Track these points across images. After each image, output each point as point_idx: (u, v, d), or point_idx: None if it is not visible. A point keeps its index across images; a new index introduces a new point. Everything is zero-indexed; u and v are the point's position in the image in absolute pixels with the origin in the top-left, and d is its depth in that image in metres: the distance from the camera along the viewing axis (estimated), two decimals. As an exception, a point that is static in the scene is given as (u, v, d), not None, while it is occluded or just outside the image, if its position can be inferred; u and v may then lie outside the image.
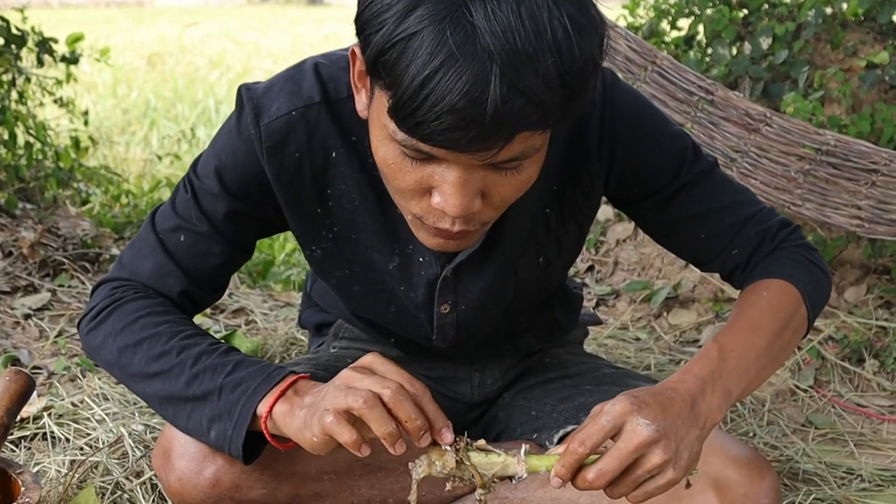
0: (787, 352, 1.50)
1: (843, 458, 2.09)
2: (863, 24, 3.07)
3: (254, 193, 1.49)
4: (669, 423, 1.23)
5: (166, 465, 1.47)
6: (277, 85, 1.46)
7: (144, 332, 1.45)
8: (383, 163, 1.26)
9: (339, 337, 1.85)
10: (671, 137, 1.54)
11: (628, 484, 1.24)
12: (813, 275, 1.54)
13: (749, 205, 1.58)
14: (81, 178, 3.92)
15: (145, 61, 9.05)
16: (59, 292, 2.80)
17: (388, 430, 1.22)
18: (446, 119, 1.11)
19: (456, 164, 1.20)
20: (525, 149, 1.20)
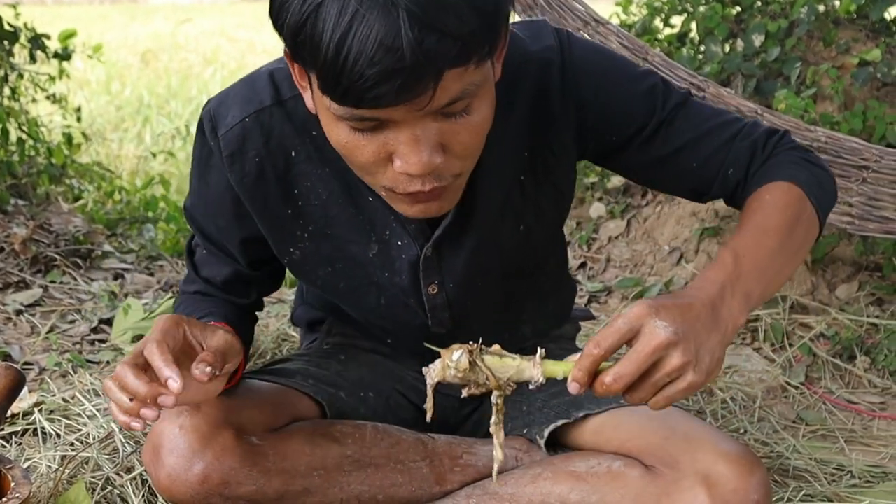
0: (802, 251, 1.46)
1: (833, 455, 2.09)
2: (855, 22, 3.08)
3: (229, 209, 1.55)
4: (688, 326, 1.21)
5: (156, 461, 1.47)
6: (231, 94, 1.50)
7: None
8: (339, 146, 1.28)
9: (332, 333, 1.85)
10: (637, 78, 1.53)
11: (648, 388, 1.22)
12: (812, 172, 1.50)
13: (732, 123, 1.55)
14: (74, 174, 3.92)
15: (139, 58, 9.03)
16: (50, 288, 2.80)
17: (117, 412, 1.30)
18: (369, 74, 1.12)
19: (403, 122, 1.21)
20: (463, 87, 1.20)
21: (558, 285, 1.83)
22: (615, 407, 1.62)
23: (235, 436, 1.47)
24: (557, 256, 1.79)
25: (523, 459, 1.67)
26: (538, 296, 1.76)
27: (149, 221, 3.54)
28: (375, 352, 1.79)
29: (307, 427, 1.56)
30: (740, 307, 1.29)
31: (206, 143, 1.50)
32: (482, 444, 1.69)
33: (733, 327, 1.28)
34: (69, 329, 2.56)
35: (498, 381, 1.25)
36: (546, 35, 1.49)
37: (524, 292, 1.72)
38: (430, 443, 1.65)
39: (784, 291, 2.77)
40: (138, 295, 2.84)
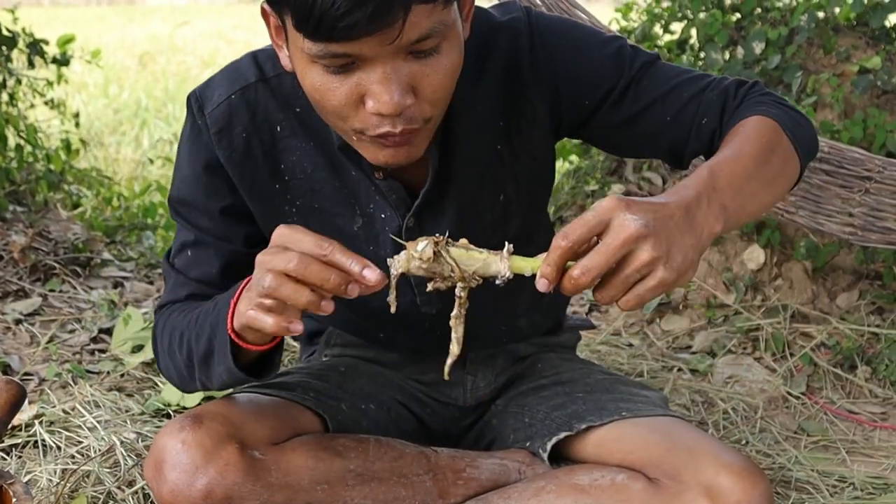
0: (780, 181, 1.45)
1: (835, 466, 2.09)
2: (855, 29, 3.07)
3: (220, 186, 1.55)
4: (660, 222, 1.19)
5: (158, 476, 1.46)
6: (217, 77, 1.56)
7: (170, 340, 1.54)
8: (312, 89, 1.31)
9: (331, 344, 1.84)
10: (605, 42, 1.56)
11: (617, 285, 1.19)
12: (787, 113, 1.51)
13: (700, 77, 1.57)
14: (73, 180, 3.91)
15: (136, 60, 9.02)
16: (50, 297, 2.79)
17: (304, 300, 1.23)
18: (341, 3, 1.17)
19: (374, 61, 1.25)
20: (432, 24, 1.25)
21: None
22: (618, 419, 1.62)
23: (239, 450, 1.46)
24: (546, 239, 1.78)
25: (526, 473, 1.67)
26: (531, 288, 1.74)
27: (148, 228, 3.53)
28: (376, 362, 1.79)
29: (310, 441, 1.55)
30: (716, 216, 1.27)
31: (195, 122, 1.54)
32: (485, 457, 1.69)
33: (708, 233, 1.26)
34: (69, 339, 2.55)
35: (462, 273, 1.24)
36: (514, 8, 1.55)
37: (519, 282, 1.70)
38: (433, 456, 1.64)
39: (784, 300, 2.77)
40: (138, 303, 2.83)
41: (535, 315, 1.81)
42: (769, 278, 2.85)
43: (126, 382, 2.29)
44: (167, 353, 1.56)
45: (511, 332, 1.79)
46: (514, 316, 1.77)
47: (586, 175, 3.44)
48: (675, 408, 2.25)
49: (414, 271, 1.26)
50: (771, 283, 2.84)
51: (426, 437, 1.74)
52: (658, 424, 1.62)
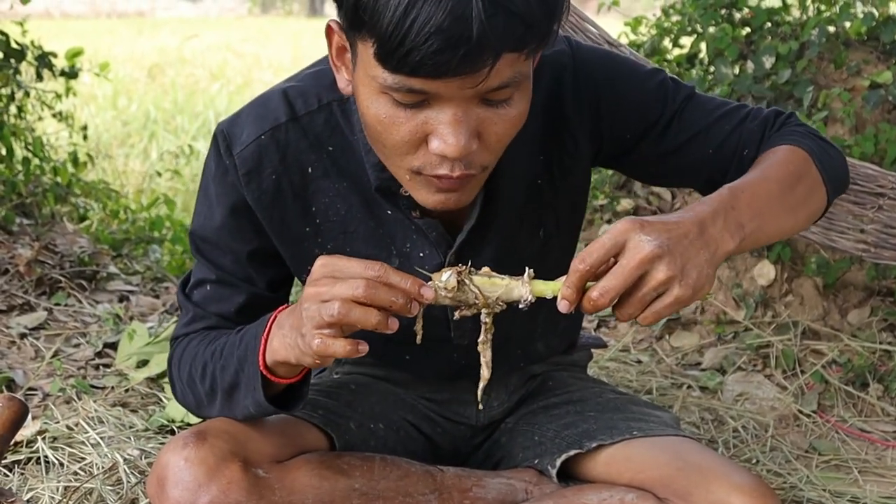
0: (804, 210, 1.48)
1: (847, 486, 2.07)
2: (866, 44, 3.06)
3: (247, 229, 1.53)
4: (674, 241, 1.23)
5: (161, 493, 1.44)
6: (245, 112, 1.52)
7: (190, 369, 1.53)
8: (376, 120, 1.29)
9: (342, 363, 1.82)
10: (647, 75, 1.57)
11: (635, 304, 1.24)
12: (817, 143, 1.53)
13: (739, 108, 1.59)
14: (80, 193, 3.90)
15: (145, 73, 9.05)
16: (55, 311, 2.78)
17: (374, 321, 1.25)
18: (434, 40, 1.15)
19: (449, 102, 1.23)
20: (513, 74, 1.23)
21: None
22: (628, 438, 1.61)
23: (242, 468, 1.44)
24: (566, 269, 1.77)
25: (534, 492, 1.65)
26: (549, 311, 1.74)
27: (154, 242, 3.52)
28: (387, 380, 1.77)
29: (314, 459, 1.53)
30: (731, 233, 1.30)
31: (221, 161, 1.51)
32: (492, 476, 1.67)
33: (723, 250, 1.29)
34: (73, 353, 2.54)
35: (486, 300, 1.29)
36: (558, 41, 1.52)
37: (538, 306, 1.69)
38: (439, 475, 1.62)
39: (795, 316, 2.75)
40: (143, 318, 2.82)
41: (551, 338, 1.80)
42: (780, 294, 2.83)
43: (130, 398, 2.27)
44: (186, 382, 1.55)
45: (527, 356, 1.78)
46: (532, 339, 1.76)
47: (595, 189, 3.42)
48: (685, 426, 2.23)
49: (441, 301, 1.29)
50: (781, 299, 2.82)
51: (435, 457, 1.73)
52: (668, 444, 1.60)
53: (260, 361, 1.38)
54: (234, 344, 1.46)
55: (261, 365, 1.38)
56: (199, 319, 1.59)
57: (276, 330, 1.37)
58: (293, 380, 1.42)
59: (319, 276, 1.29)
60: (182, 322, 1.62)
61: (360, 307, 1.25)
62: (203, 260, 1.59)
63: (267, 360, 1.38)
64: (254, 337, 1.41)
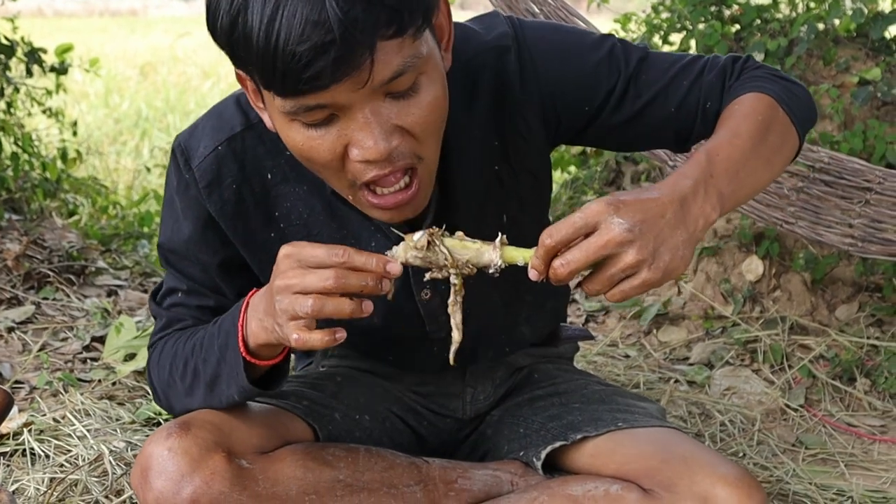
0: (778, 158, 1.45)
1: (833, 479, 2.07)
2: (855, 41, 3.06)
3: (214, 240, 1.53)
4: (648, 225, 1.21)
5: (144, 484, 1.44)
6: (201, 124, 1.51)
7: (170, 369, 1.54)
8: (297, 149, 1.28)
9: (328, 355, 1.82)
10: (595, 45, 1.53)
11: (603, 281, 1.22)
12: (782, 85, 1.50)
13: (694, 60, 1.56)
14: (69, 189, 3.90)
15: (137, 71, 9.02)
16: (43, 305, 2.77)
17: (348, 310, 1.25)
18: (301, 52, 1.14)
19: (352, 107, 1.22)
20: (404, 60, 1.21)
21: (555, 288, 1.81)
22: (614, 429, 1.61)
23: (226, 459, 1.43)
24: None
25: (519, 483, 1.64)
26: (536, 293, 1.74)
27: (143, 237, 3.52)
28: (373, 373, 1.77)
29: (299, 450, 1.53)
30: (713, 205, 1.28)
31: (182, 176, 1.50)
32: (478, 467, 1.66)
33: (704, 224, 1.27)
34: (61, 347, 2.53)
35: (456, 262, 1.28)
36: (498, 23, 1.50)
37: (520, 289, 1.70)
38: (425, 467, 1.62)
39: (783, 312, 2.75)
40: (131, 312, 2.82)
41: (536, 321, 1.79)
42: (768, 290, 2.83)
43: (117, 391, 2.27)
44: (166, 382, 1.56)
45: (513, 342, 1.77)
46: (517, 324, 1.75)
47: (584, 185, 3.43)
48: (672, 419, 2.23)
49: (411, 261, 1.29)
50: (769, 294, 2.82)
51: (421, 450, 1.72)
52: (654, 435, 1.60)
53: (241, 346, 1.38)
54: (213, 335, 1.46)
55: (242, 350, 1.38)
56: (175, 322, 1.60)
57: (251, 314, 1.38)
58: (276, 360, 1.42)
59: (286, 267, 1.28)
60: (156, 329, 1.63)
61: (332, 299, 1.25)
62: (173, 271, 1.59)
63: (248, 345, 1.38)
64: (232, 324, 1.41)
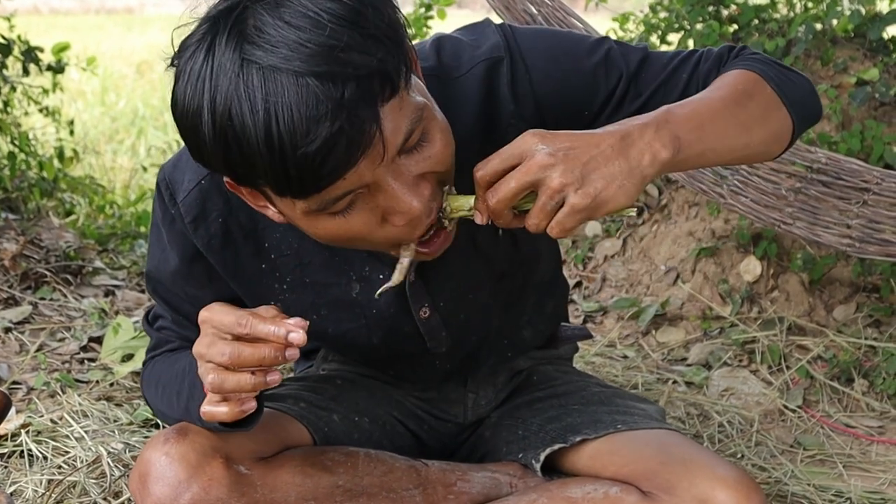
0: (760, 128, 1.39)
1: (831, 481, 2.07)
2: (853, 41, 3.07)
3: (202, 275, 1.51)
4: (576, 151, 1.19)
5: (142, 489, 1.44)
6: (185, 155, 1.45)
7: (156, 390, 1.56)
8: (336, 240, 1.26)
9: (329, 360, 1.82)
10: (591, 49, 1.49)
11: (536, 213, 1.20)
12: (774, 68, 1.47)
13: (691, 54, 1.53)
14: (66, 188, 3.89)
15: (134, 69, 9.01)
16: (40, 305, 2.77)
17: (248, 386, 1.22)
18: (313, 152, 1.10)
19: (376, 181, 1.18)
20: (409, 116, 1.18)
21: (554, 284, 1.81)
22: (612, 431, 1.61)
23: (224, 465, 1.43)
24: (550, 252, 1.76)
25: (518, 485, 1.64)
26: (537, 295, 1.74)
27: (140, 237, 3.51)
28: (374, 377, 1.77)
29: (297, 456, 1.53)
30: (664, 143, 1.24)
31: (168, 210, 1.48)
32: (476, 470, 1.66)
33: (651, 160, 1.22)
34: (58, 347, 2.53)
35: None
36: (489, 33, 1.47)
37: (520, 293, 1.70)
38: (424, 470, 1.62)
39: (781, 312, 2.75)
40: (129, 312, 2.81)
41: (538, 324, 1.79)
42: (765, 290, 2.83)
43: (115, 392, 2.27)
44: (156, 403, 1.58)
45: (514, 345, 1.77)
46: (519, 328, 1.75)
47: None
48: (671, 420, 2.23)
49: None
50: (767, 295, 2.82)
51: (420, 453, 1.72)
52: (653, 437, 1.60)
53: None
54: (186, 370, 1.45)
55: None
56: (163, 344, 1.61)
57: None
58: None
59: (203, 332, 1.27)
60: (149, 346, 1.63)
61: (232, 375, 1.23)
62: (161, 302, 1.58)
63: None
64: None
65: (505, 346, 1.75)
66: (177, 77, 1.17)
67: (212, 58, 1.12)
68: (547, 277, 1.76)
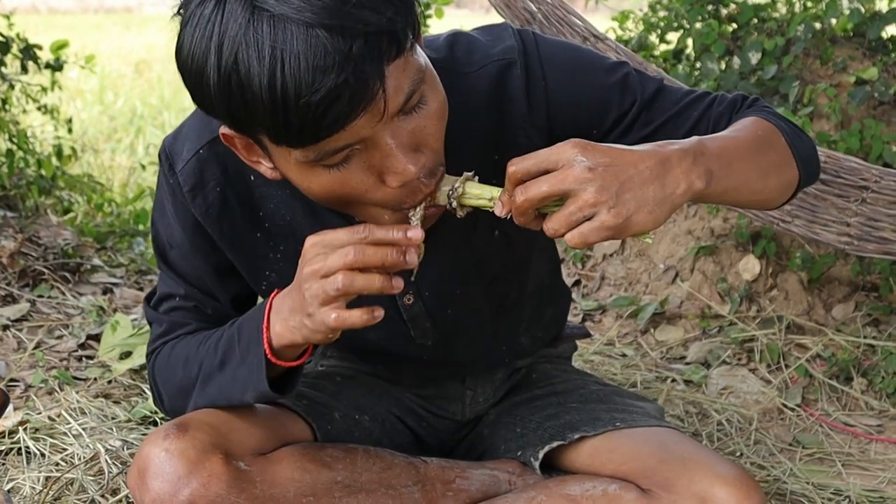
0: (776, 177, 1.41)
1: (830, 479, 2.07)
2: (852, 40, 3.07)
3: (203, 246, 1.52)
4: (615, 170, 1.17)
5: (141, 485, 1.43)
6: (186, 127, 1.50)
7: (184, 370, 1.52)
8: (328, 196, 1.26)
9: (327, 356, 1.82)
10: (609, 69, 1.50)
11: (561, 219, 1.18)
12: (787, 124, 1.49)
13: (706, 94, 1.54)
14: (64, 186, 3.89)
15: (132, 68, 9.00)
16: (38, 303, 2.76)
17: (378, 285, 1.23)
18: (316, 102, 1.11)
19: (372, 139, 1.19)
20: (411, 77, 1.19)
21: (553, 291, 1.81)
22: (612, 429, 1.61)
23: (223, 461, 1.42)
24: (546, 260, 1.76)
25: (517, 483, 1.64)
26: (535, 303, 1.74)
27: (139, 235, 3.50)
28: (372, 374, 1.76)
29: (297, 452, 1.52)
30: (699, 175, 1.23)
31: (168, 181, 1.50)
32: (475, 467, 1.66)
33: (686, 190, 1.21)
34: (56, 345, 2.52)
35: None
36: (506, 36, 1.47)
37: (516, 299, 1.70)
38: (423, 467, 1.62)
39: (780, 311, 2.75)
40: (127, 310, 2.81)
41: (536, 331, 1.79)
42: (764, 289, 2.83)
43: (113, 389, 2.26)
44: (177, 386, 1.54)
45: (513, 351, 1.77)
46: (516, 334, 1.75)
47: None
48: (669, 419, 2.23)
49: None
50: (766, 293, 2.82)
51: (419, 450, 1.72)
52: (652, 435, 1.60)
53: (267, 350, 1.37)
54: (233, 338, 1.45)
55: (268, 353, 1.37)
56: (178, 327, 1.58)
57: (275, 316, 1.36)
58: (300, 361, 1.41)
59: (312, 255, 1.27)
60: (156, 334, 1.61)
61: (362, 275, 1.23)
62: (170, 273, 1.58)
63: (273, 346, 1.37)
64: (255, 329, 1.39)
65: (504, 352, 1.75)
66: (184, 23, 1.18)
67: (222, 5, 1.14)
68: (544, 284, 1.76)
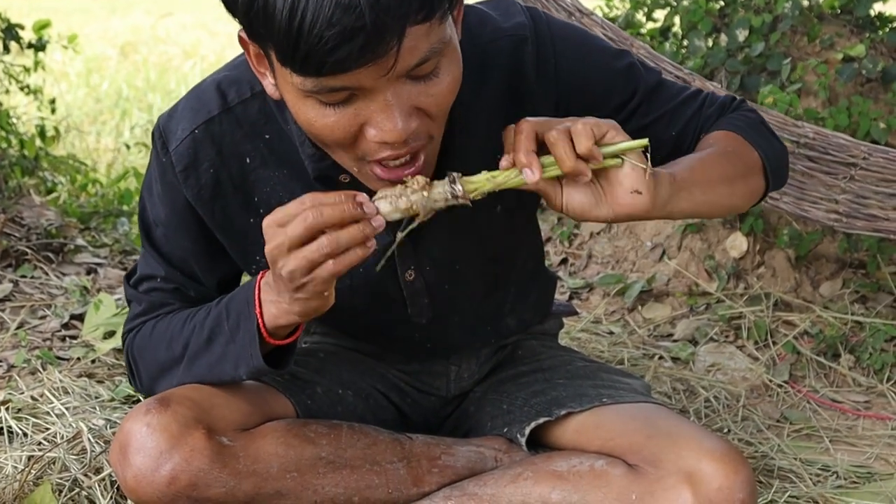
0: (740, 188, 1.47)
1: (818, 455, 2.07)
2: (839, 17, 3.06)
3: (191, 228, 1.51)
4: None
5: (123, 461, 1.42)
6: (181, 106, 1.49)
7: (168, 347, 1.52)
8: (309, 125, 1.25)
9: (311, 332, 1.80)
10: (616, 55, 1.55)
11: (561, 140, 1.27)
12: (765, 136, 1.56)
13: (698, 93, 1.60)
14: (47, 166, 3.85)
15: (118, 51, 8.94)
16: (21, 283, 2.74)
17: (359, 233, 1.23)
18: (329, 37, 1.10)
19: (372, 90, 1.19)
20: (430, 45, 1.19)
21: (537, 274, 1.81)
22: (598, 405, 1.61)
23: (206, 436, 1.42)
24: (532, 243, 1.77)
25: (503, 460, 1.64)
26: (520, 284, 1.74)
27: (123, 215, 3.48)
28: (356, 350, 1.75)
29: (280, 427, 1.51)
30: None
31: (160, 160, 1.48)
32: (461, 444, 1.66)
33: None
34: (39, 325, 2.50)
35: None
36: (516, 12, 1.49)
37: (505, 280, 1.70)
38: (408, 443, 1.61)
39: (767, 288, 2.75)
40: (111, 290, 2.79)
41: (522, 312, 1.78)
42: (752, 266, 2.83)
43: (97, 369, 2.24)
44: (159, 364, 1.53)
45: (498, 331, 1.76)
46: (501, 315, 1.74)
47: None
48: (657, 396, 2.22)
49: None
50: (753, 271, 2.82)
51: (404, 426, 1.71)
52: (639, 411, 1.59)
53: (262, 327, 1.37)
54: (221, 315, 1.44)
55: (263, 330, 1.37)
56: (159, 306, 1.57)
57: (265, 299, 1.36)
58: (291, 339, 1.42)
59: (270, 234, 1.26)
60: (134, 313, 1.60)
61: (323, 237, 1.22)
62: (155, 253, 1.56)
63: (268, 328, 1.37)
64: (245, 305, 1.39)
65: (489, 332, 1.75)
66: None
67: None
68: (528, 268, 1.76)
